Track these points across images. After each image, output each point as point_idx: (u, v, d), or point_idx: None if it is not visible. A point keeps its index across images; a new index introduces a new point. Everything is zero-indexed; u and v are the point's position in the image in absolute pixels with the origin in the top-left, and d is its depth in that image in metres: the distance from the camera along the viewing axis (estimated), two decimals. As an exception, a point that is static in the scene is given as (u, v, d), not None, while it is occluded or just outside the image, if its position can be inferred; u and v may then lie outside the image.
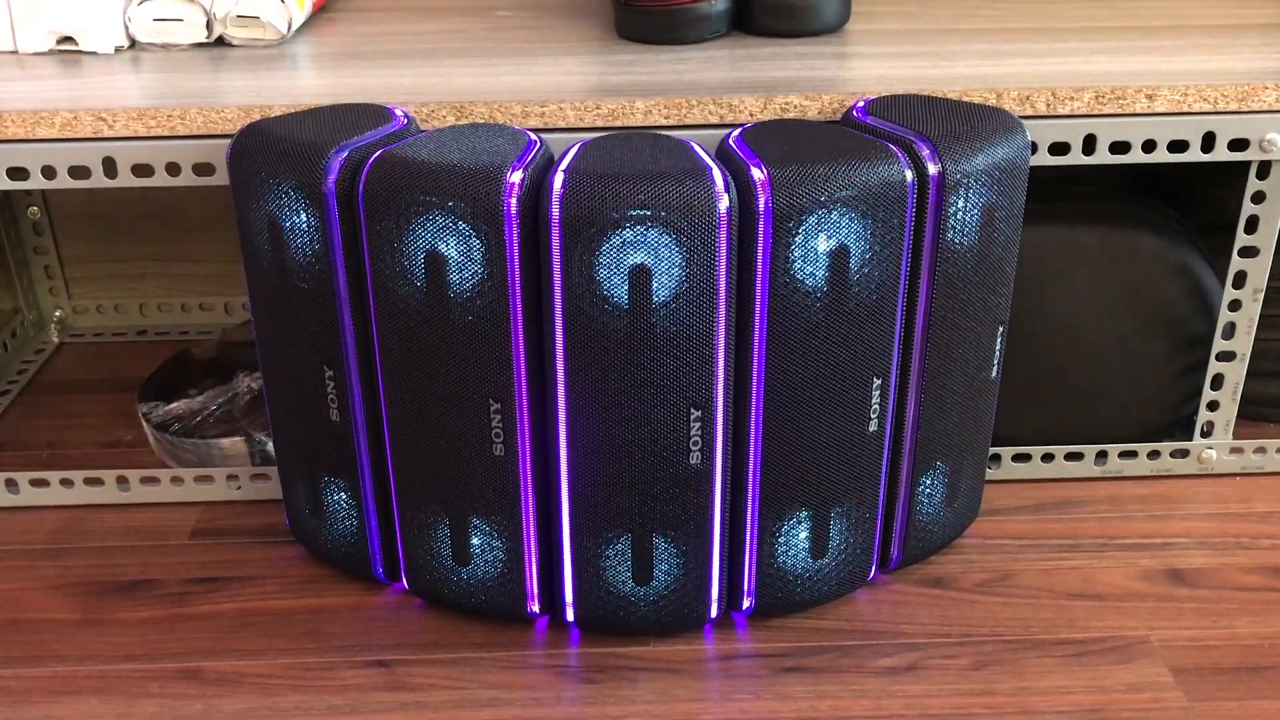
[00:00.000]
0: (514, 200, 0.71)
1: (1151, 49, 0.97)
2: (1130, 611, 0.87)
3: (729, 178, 0.72)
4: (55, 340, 1.28)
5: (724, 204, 0.71)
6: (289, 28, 1.01)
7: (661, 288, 0.72)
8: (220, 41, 1.01)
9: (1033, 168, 0.83)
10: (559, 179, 0.71)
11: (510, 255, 0.72)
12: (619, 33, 1.03)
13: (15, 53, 0.99)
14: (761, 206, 0.71)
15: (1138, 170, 1.11)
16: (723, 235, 0.71)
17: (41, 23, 0.98)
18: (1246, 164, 0.90)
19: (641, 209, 0.70)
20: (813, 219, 0.72)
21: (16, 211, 1.24)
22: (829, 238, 0.73)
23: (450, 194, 0.71)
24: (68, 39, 0.99)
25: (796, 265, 0.73)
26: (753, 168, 0.72)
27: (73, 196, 1.24)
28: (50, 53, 0.99)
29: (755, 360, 0.75)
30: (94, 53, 0.99)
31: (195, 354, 1.15)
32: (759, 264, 0.73)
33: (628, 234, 0.70)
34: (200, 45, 1.01)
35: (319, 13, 1.12)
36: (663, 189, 0.70)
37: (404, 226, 0.73)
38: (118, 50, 1.00)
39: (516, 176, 0.71)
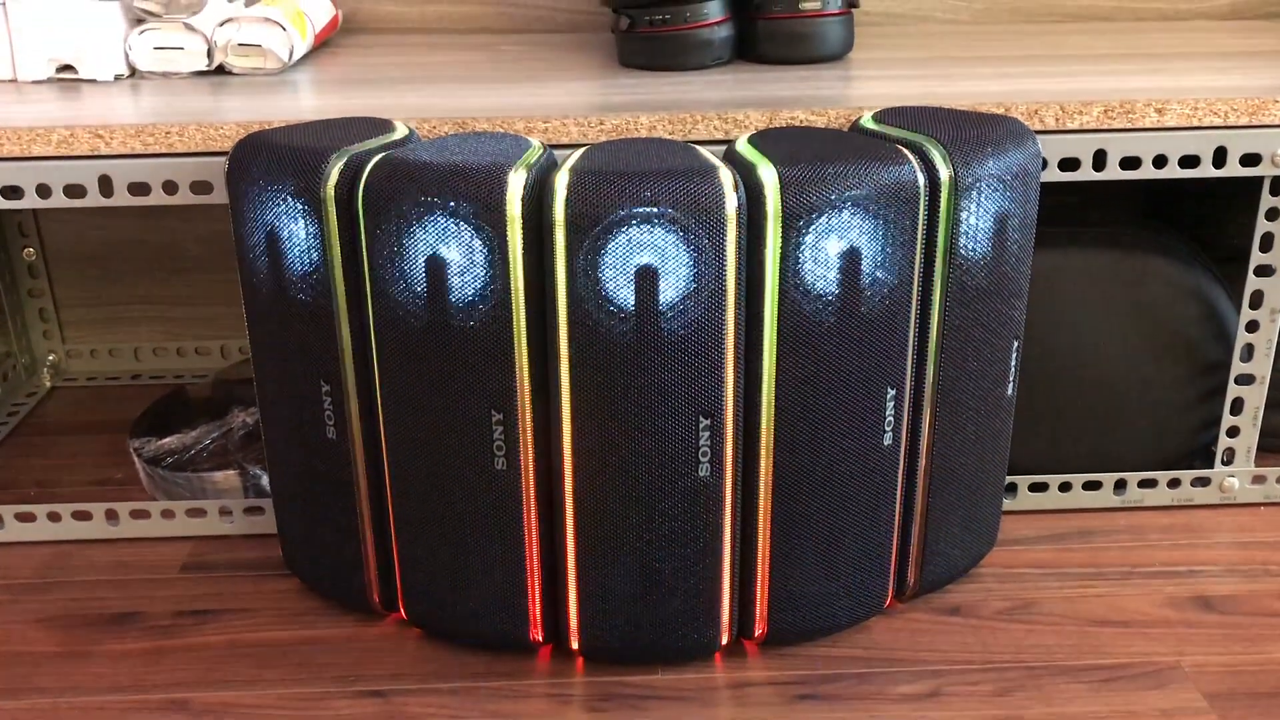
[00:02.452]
0: (518, 200, 0.69)
1: (1159, 71, 0.97)
2: (1159, 638, 0.83)
3: (737, 176, 0.70)
4: (47, 384, 1.25)
5: (732, 203, 0.69)
6: (290, 56, 1.00)
7: (668, 289, 0.70)
8: (221, 70, 1.00)
9: (1044, 191, 0.82)
10: (563, 177, 0.69)
11: (513, 258, 0.70)
12: (621, 61, 1.03)
13: (15, 81, 0.99)
14: (770, 206, 0.70)
15: (1149, 201, 1.11)
16: (731, 235, 0.69)
17: (42, 51, 0.97)
18: (1258, 183, 0.89)
19: (648, 206, 0.68)
20: (823, 219, 0.70)
21: (12, 253, 1.23)
22: (839, 239, 0.71)
23: (452, 194, 0.70)
24: (68, 67, 0.98)
25: (807, 267, 0.71)
26: (761, 167, 0.70)
27: (69, 238, 1.23)
28: (50, 81, 0.99)
29: (765, 366, 0.73)
30: (94, 80, 0.98)
31: (190, 392, 1.13)
32: (768, 265, 0.71)
33: (633, 233, 0.69)
34: (201, 73, 1.00)
35: (321, 46, 1.12)
36: (669, 186, 0.68)
37: (404, 229, 0.71)
38: (118, 78, 0.99)
39: (520, 176, 0.70)
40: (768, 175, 0.70)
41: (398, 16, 1.20)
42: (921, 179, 0.73)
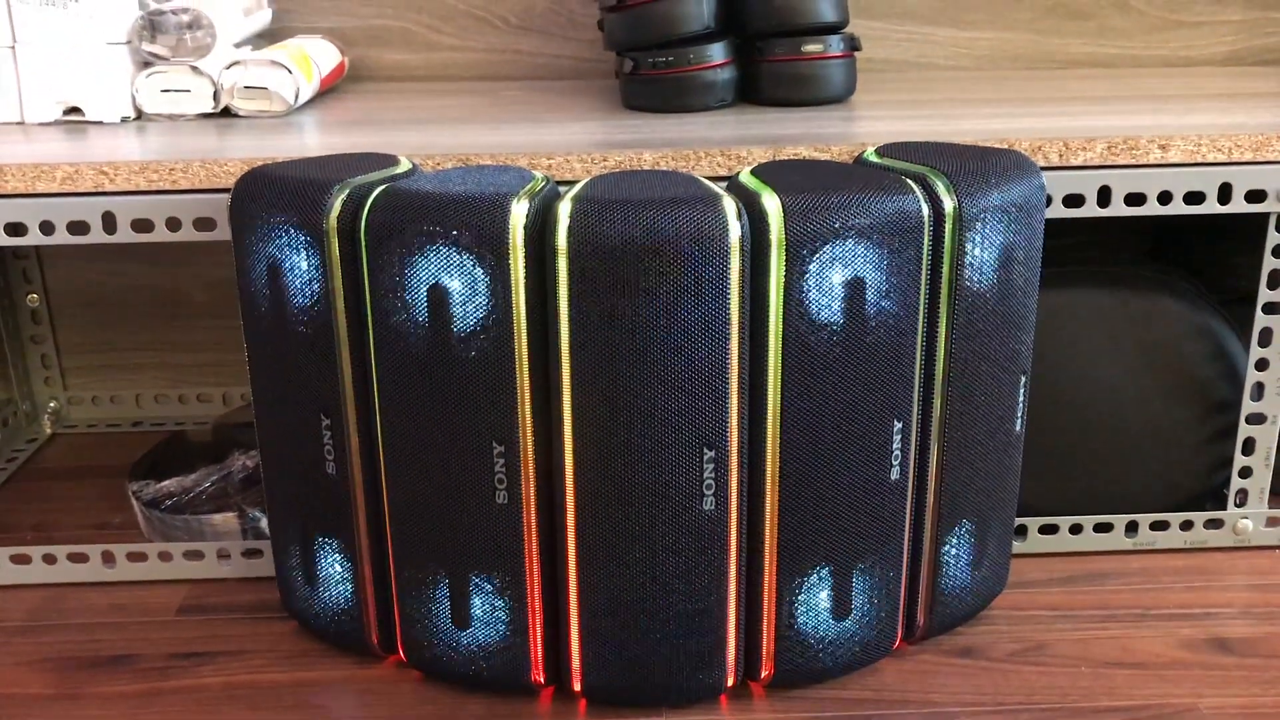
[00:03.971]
0: (520, 230, 0.69)
1: (1162, 110, 0.97)
2: (1175, 680, 0.81)
3: (740, 205, 0.70)
4: (48, 430, 1.25)
5: (735, 231, 0.69)
6: (296, 98, 1.01)
7: (672, 319, 0.69)
8: (227, 112, 1.01)
9: (1049, 232, 0.81)
10: (567, 206, 0.69)
11: (515, 288, 0.70)
12: (625, 103, 1.03)
13: (22, 123, 0.99)
14: (774, 234, 0.69)
15: (1154, 244, 1.10)
16: (735, 263, 0.69)
17: (49, 93, 0.98)
18: (1262, 223, 0.89)
19: (651, 235, 0.68)
20: (827, 248, 0.70)
21: (15, 299, 1.23)
22: (844, 268, 0.71)
23: (454, 224, 0.69)
24: (75, 109, 0.99)
25: (811, 296, 0.71)
26: (764, 196, 0.70)
27: (72, 284, 1.23)
28: (57, 123, 0.99)
29: (770, 396, 0.72)
30: (100, 122, 0.99)
31: (190, 437, 1.12)
32: (772, 294, 0.70)
33: (636, 262, 0.68)
34: (207, 116, 1.01)
35: (327, 92, 1.13)
36: (673, 215, 0.68)
37: (406, 260, 0.71)
38: (124, 120, 0.99)
39: (523, 206, 0.70)
40: (771, 204, 0.70)
41: (403, 64, 1.21)
42: (926, 209, 0.72)
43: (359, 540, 0.80)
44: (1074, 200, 0.87)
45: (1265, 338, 0.92)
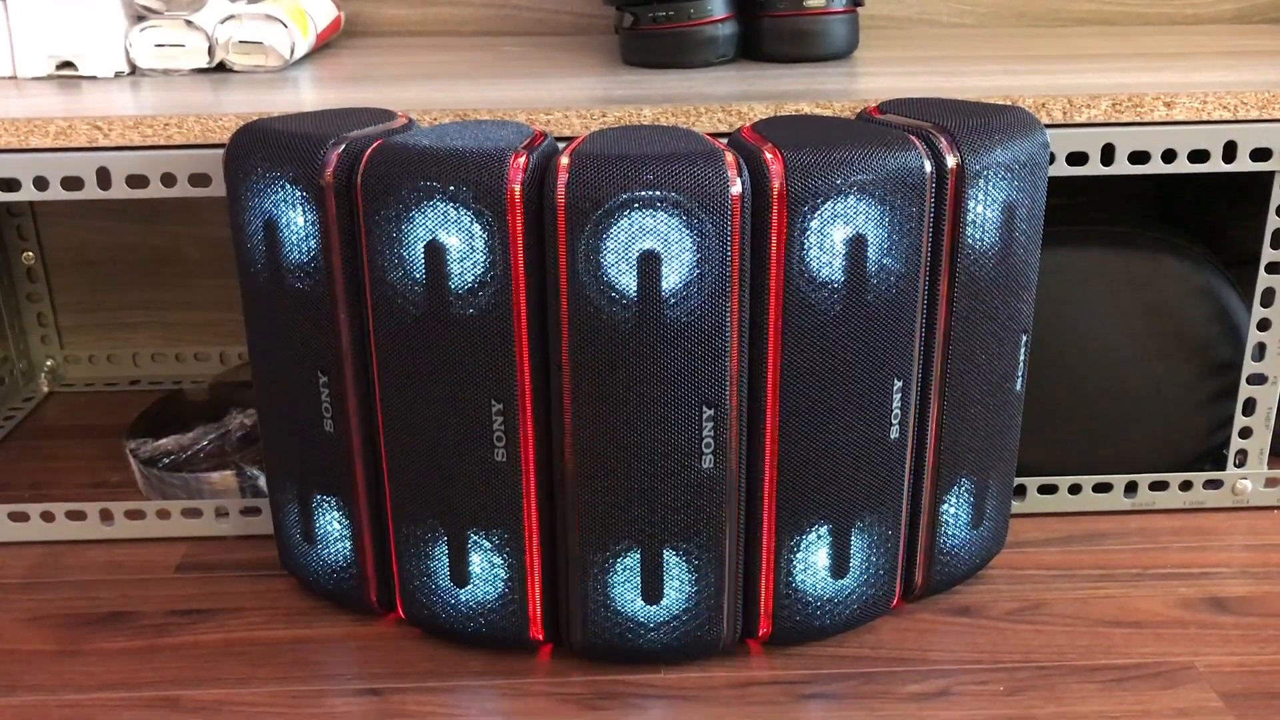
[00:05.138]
0: (518, 185, 0.68)
1: (1167, 68, 0.96)
2: (1172, 639, 0.81)
3: (742, 161, 0.69)
4: (45, 389, 1.24)
5: (737, 187, 0.68)
6: (292, 53, 1.00)
7: (671, 275, 0.69)
8: (222, 67, 1.00)
9: (1052, 192, 0.81)
10: (565, 161, 0.68)
11: (514, 243, 0.69)
12: (625, 59, 1.02)
13: (15, 78, 0.98)
14: (776, 191, 0.69)
15: (1157, 205, 1.10)
16: (736, 220, 0.68)
17: (42, 47, 0.97)
18: (1266, 182, 0.88)
19: (650, 190, 0.67)
20: (828, 205, 0.69)
21: (11, 257, 1.22)
22: (845, 225, 0.70)
23: (452, 179, 0.69)
24: (68, 64, 0.98)
25: (812, 254, 0.70)
26: (766, 152, 0.69)
27: (68, 242, 1.22)
28: (50, 78, 0.98)
29: (770, 354, 0.72)
30: (94, 77, 0.98)
31: (188, 395, 1.12)
32: (773, 252, 0.70)
33: (636, 218, 0.68)
34: (202, 71, 0.99)
35: (323, 48, 1.12)
36: (673, 170, 0.67)
37: (404, 215, 0.70)
38: (118, 75, 0.98)
39: (521, 160, 0.69)
40: (772, 160, 0.69)
41: (400, 19, 1.20)
42: (928, 166, 0.72)
43: (357, 498, 0.80)
44: (1077, 158, 0.86)
45: (1268, 298, 0.91)
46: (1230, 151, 0.86)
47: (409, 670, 0.79)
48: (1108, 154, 0.86)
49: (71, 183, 0.84)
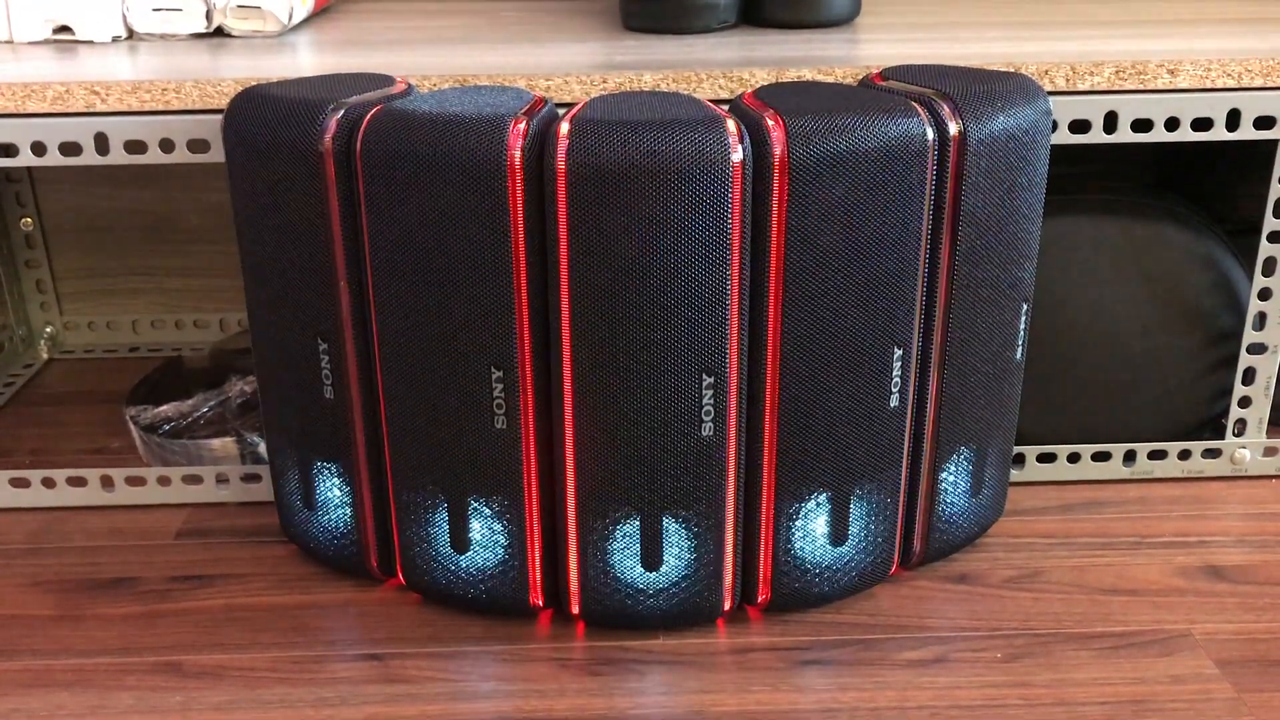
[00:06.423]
0: (518, 151, 0.68)
1: (1172, 34, 0.95)
2: (1169, 606, 0.82)
3: (743, 128, 0.69)
4: (44, 356, 1.24)
5: (738, 153, 0.68)
6: (290, 17, 0.99)
7: (672, 242, 0.68)
8: (220, 32, 0.99)
9: (1053, 159, 0.80)
10: (565, 127, 0.68)
11: (514, 210, 0.69)
12: (625, 24, 1.01)
13: (11, 42, 0.97)
14: (777, 158, 0.68)
15: (1158, 173, 1.09)
16: (737, 187, 0.68)
17: (38, 11, 0.96)
18: (1270, 150, 0.88)
19: (651, 157, 0.67)
20: (830, 172, 0.69)
21: (9, 223, 1.21)
22: (847, 192, 0.70)
23: (451, 145, 0.68)
24: (64, 28, 0.97)
25: (813, 221, 0.70)
26: (767, 118, 0.69)
27: (67, 208, 1.22)
28: (46, 42, 0.97)
29: (770, 322, 0.72)
30: (91, 42, 0.97)
31: (187, 362, 1.12)
32: (774, 219, 0.69)
33: (636, 184, 0.67)
34: (199, 36, 0.99)
35: (321, 13, 1.11)
36: (674, 137, 0.67)
37: (403, 181, 0.70)
38: (115, 40, 0.98)
39: (521, 126, 0.68)
40: (774, 127, 0.68)
41: (399, -16, 1.19)
42: (930, 133, 0.71)
43: (357, 465, 0.80)
44: (1080, 126, 0.85)
45: (1269, 267, 0.91)
46: (1234, 119, 0.86)
47: (409, 636, 0.79)
48: (1110, 121, 0.86)
49: (69, 148, 0.84)
